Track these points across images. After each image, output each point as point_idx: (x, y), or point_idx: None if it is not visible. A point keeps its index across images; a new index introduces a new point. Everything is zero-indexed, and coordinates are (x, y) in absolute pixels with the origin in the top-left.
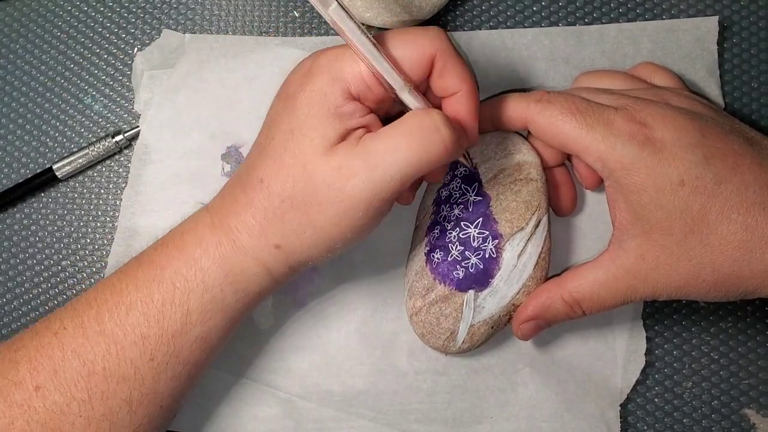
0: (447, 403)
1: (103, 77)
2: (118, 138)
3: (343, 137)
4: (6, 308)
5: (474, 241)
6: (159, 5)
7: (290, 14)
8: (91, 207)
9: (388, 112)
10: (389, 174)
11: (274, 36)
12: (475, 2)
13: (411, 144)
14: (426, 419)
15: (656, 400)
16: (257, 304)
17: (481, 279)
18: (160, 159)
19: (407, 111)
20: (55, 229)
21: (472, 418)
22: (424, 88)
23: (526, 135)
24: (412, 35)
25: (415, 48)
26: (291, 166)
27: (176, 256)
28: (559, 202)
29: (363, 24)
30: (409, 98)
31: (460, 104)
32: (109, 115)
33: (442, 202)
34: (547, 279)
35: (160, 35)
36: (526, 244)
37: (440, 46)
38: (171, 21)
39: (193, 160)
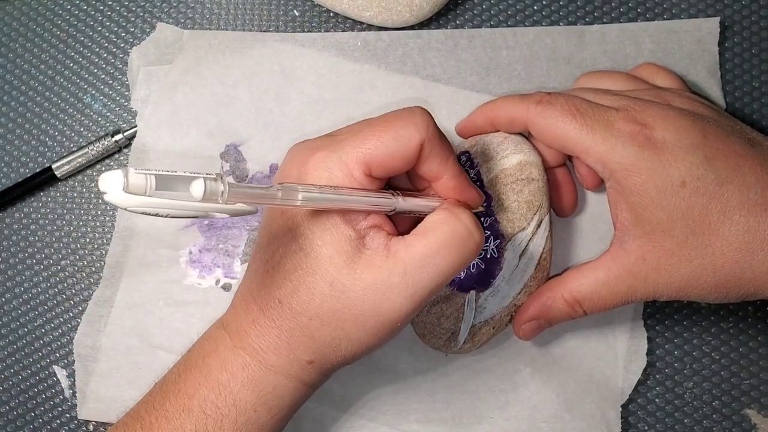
0: (447, 403)
1: (103, 76)
2: (117, 137)
3: (360, 243)
4: (6, 308)
5: None
6: (159, 4)
7: (290, 13)
8: (91, 206)
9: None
10: (429, 288)
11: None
12: (476, 1)
13: (448, 256)
14: (426, 419)
15: (657, 400)
16: (294, 412)
17: (482, 279)
18: (157, 158)
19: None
20: (54, 228)
21: (472, 418)
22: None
23: (527, 135)
24: (398, 127)
25: (402, 142)
26: (314, 284)
27: (202, 383)
28: (560, 203)
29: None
30: (407, 206)
31: (454, 185)
32: (108, 114)
33: None
34: (548, 279)
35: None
36: (527, 244)
37: (427, 134)
38: (171, 19)
39: (191, 158)
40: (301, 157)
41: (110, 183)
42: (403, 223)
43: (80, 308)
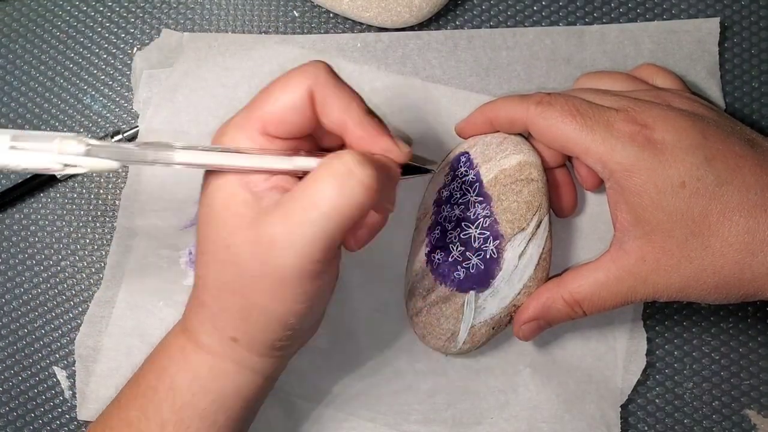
0: (447, 403)
1: (103, 77)
2: (117, 138)
3: (258, 205)
4: (6, 308)
5: (475, 241)
6: (159, 5)
7: (290, 14)
8: (91, 207)
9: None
10: (310, 234)
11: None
12: (475, 1)
13: (326, 196)
14: (426, 420)
15: (657, 400)
16: (245, 407)
17: (482, 279)
18: None
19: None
20: (54, 229)
21: (472, 419)
22: (321, 133)
23: (526, 135)
24: (285, 79)
25: (290, 92)
26: (215, 252)
27: (148, 369)
28: (560, 203)
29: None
30: (306, 162)
31: (361, 134)
32: (108, 115)
33: (443, 202)
34: (548, 279)
35: (159, 35)
36: (527, 244)
37: (316, 80)
38: (171, 21)
39: None
40: (215, 137)
41: None
42: None
43: (80, 309)
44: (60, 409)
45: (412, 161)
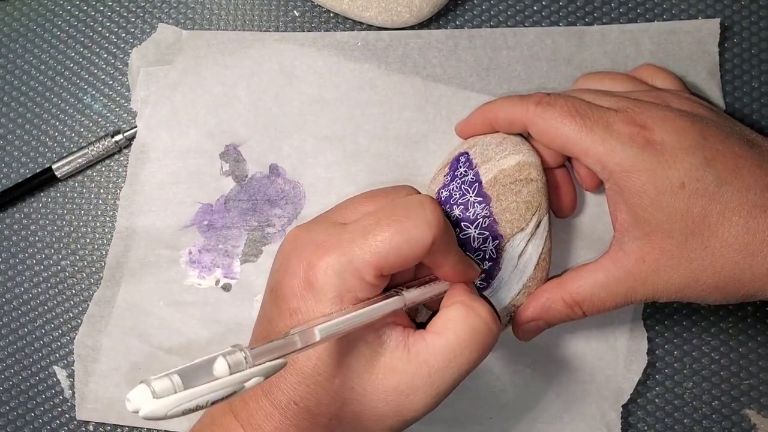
0: (447, 403)
1: (103, 77)
2: (117, 137)
3: (376, 342)
4: (6, 308)
5: (474, 241)
6: (159, 4)
7: (290, 13)
8: (91, 207)
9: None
10: (452, 385)
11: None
12: (476, 1)
13: (470, 354)
14: (426, 419)
15: (657, 400)
16: None
17: (481, 280)
18: (157, 158)
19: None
20: (54, 228)
21: (472, 418)
22: None
23: (526, 136)
24: (410, 228)
25: (415, 244)
26: (333, 389)
27: None
28: (559, 204)
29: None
30: (416, 300)
31: (454, 272)
32: (108, 114)
33: (443, 202)
34: (547, 280)
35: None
36: (526, 244)
37: (438, 231)
38: (170, 20)
39: (190, 158)
40: (307, 256)
41: (138, 398)
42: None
43: (80, 308)
44: (60, 409)
45: None
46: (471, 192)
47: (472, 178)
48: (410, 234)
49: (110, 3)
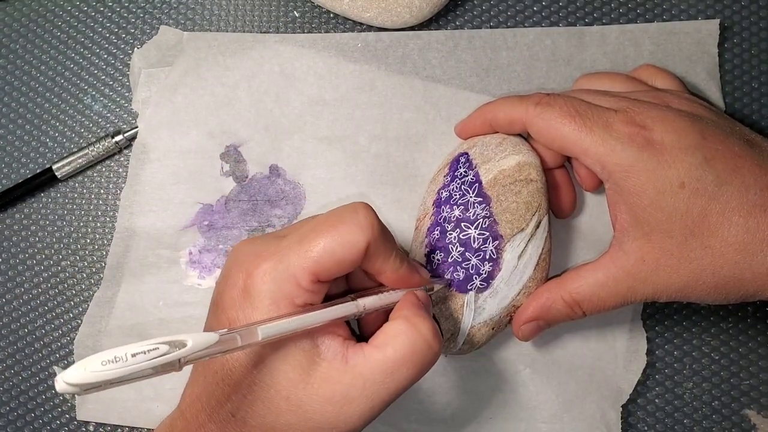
0: (446, 403)
1: (103, 77)
2: (117, 138)
3: (315, 352)
4: (6, 308)
5: (474, 242)
6: (159, 5)
7: (290, 14)
8: (91, 207)
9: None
10: (387, 400)
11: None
12: (475, 2)
13: (407, 370)
14: (426, 419)
15: (657, 400)
16: None
17: (481, 280)
18: (158, 158)
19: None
20: (54, 229)
21: (472, 418)
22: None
23: (526, 136)
24: (344, 232)
25: (348, 247)
26: (269, 399)
27: None
28: (559, 204)
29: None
30: (369, 307)
31: (396, 278)
32: (108, 115)
33: (443, 203)
34: (547, 280)
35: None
36: (526, 245)
37: (372, 235)
38: (171, 21)
39: (191, 159)
40: (246, 266)
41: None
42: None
43: (80, 309)
44: (60, 409)
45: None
46: (471, 192)
47: (472, 179)
48: (343, 238)
49: (111, 4)
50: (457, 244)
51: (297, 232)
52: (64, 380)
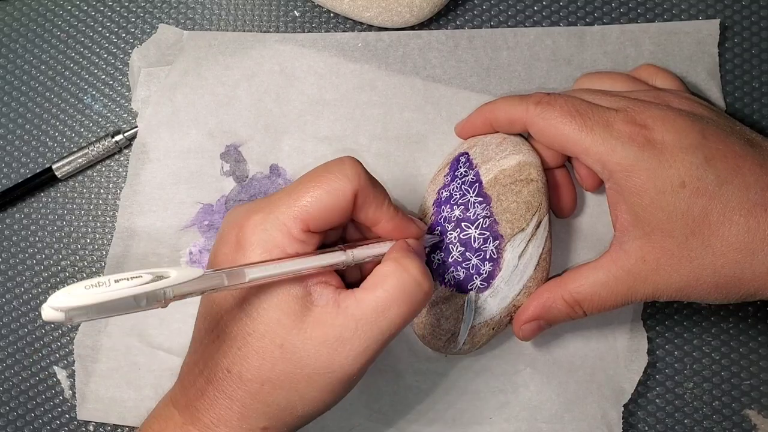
0: (447, 403)
1: (103, 77)
2: (117, 138)
3: (307, 300)
4: (6, 308)
5: (475, 242)
6: (159, 4)
7: (291, 14)
8: (91, 207)
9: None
10: (381, 340)
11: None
12: (476, 1)
13: (398, 308)
14: (426, 419)
15: (657, 400)
16: None
17: (482, 280)
18: (158, 158)
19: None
20: (54, 229)
21: (472, 418)
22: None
23: (526, 136)
24: (330, 180)
25: (335, 195)
26: (263, 349)
27: None
28: (560, 204)
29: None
30: (358, 257)
31: (393, 227)
32: (108, 114)
33: (443, 203)
34: (547, 280)
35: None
36: (527, 244)
37: (359, 183)
38: (171, 20)
39: (191, 159)
40: (238, 222)
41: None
42: (350, 272)
43: None
44: (60, 409)
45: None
46: (471, 192)
47: (472, 179)
48: (330, 186)
49: (111, 3)
50: (458, 243)
51: (286, 188)
52: (50, 305)
